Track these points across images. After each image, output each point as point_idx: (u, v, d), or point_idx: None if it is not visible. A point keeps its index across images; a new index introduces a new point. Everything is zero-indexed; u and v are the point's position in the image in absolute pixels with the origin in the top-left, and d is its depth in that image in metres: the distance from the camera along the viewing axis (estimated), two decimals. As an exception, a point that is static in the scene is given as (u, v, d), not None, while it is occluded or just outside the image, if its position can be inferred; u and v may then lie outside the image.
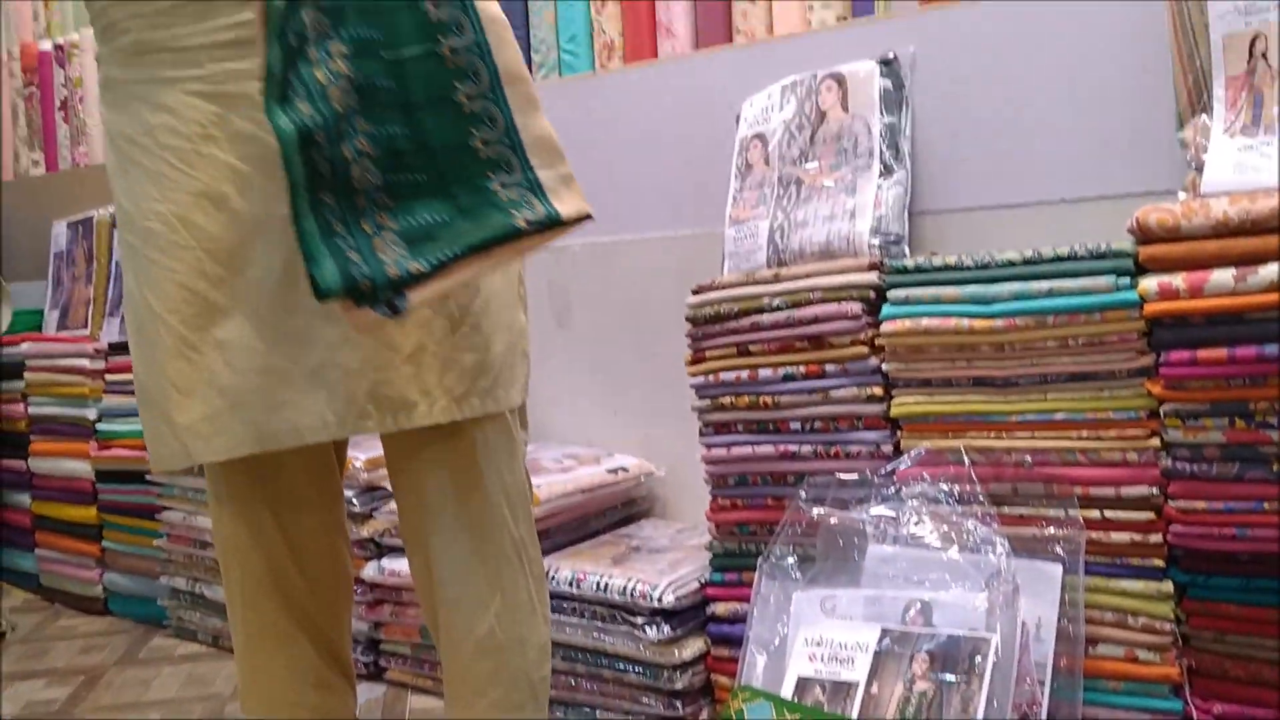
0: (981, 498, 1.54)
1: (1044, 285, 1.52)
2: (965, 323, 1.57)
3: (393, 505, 2.13)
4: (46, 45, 3.54)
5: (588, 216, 1.12)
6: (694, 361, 1.87)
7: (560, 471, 2.16)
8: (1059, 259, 1.53)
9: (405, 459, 1.33)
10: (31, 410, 2.91)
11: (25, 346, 2.92)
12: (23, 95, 3.63)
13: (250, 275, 1.17)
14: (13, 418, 2.93)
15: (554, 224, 1.09)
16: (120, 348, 2.72)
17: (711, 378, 1.84)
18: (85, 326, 3.01)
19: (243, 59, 1.13)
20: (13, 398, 2.94)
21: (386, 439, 1.34)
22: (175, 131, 1.15)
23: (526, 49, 2.51)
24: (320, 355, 1.18)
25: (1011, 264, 1.57)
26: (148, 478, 2.56)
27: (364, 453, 2.18)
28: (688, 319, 1.88)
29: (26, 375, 2.90)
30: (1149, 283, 1.43)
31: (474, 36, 1.07)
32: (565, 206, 1.09)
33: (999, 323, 1.54)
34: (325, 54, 1.04)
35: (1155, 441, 1.48)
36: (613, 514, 2.25)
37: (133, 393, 2.72)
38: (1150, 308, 1.44)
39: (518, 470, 1.36)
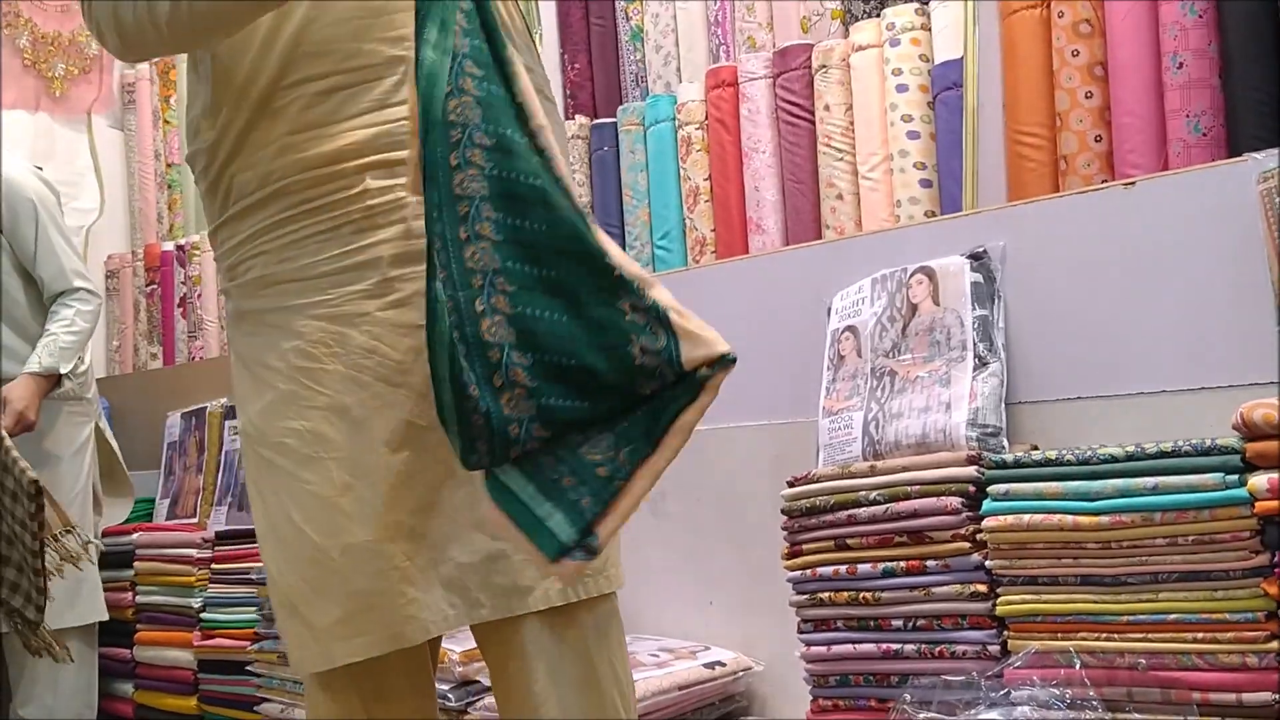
0: (1095, 703, 1.48)
1: (1149, 481, 1.49)
2: (1070, 519, 1.55)
3: (489, 700, 2.11)
4: (169, 246, 3.75)
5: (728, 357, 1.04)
6: (790, 555, 1.86)
7: (656, 666, 2.13)
8: (1162, 454, 1.50)
9: (513, 648, 1.31)
10: (139, 599, 2.97)
11: (136, 536, 3.01)
12: (144, 292, 3.84)
13: (370, 480, 1.22)
14: (120, 606, 3.00)
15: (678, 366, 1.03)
16: (226, 537, 2.78)
17: (809, 572, 1.82)
18: (194, 515, 3.10)
19: (360, 281, 1.21)
20: (121, 586, 3.01)
21: (491, 631, 1.34)
22: (305, 354, 1.23)
23: (622, 244, 2.60)
24: (431, 552, 1.23)
25: (1114, 459, 1.55)
26: (248, 668, 2.58)
27: (458, 645, 2.17)
28: (783, 511, 1.88)
29: (136, 564, 2.98)
30: (1259, 480, 1.40)
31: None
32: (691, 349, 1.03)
33: (1105, 519, 1.52)
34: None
35: (1275, 645, 1.42)
36: (709, 712, 2.19)
37: (236, 582, 2.73)
38: (1261, 505, 1.40)
39: (625, 660, 1.35)
